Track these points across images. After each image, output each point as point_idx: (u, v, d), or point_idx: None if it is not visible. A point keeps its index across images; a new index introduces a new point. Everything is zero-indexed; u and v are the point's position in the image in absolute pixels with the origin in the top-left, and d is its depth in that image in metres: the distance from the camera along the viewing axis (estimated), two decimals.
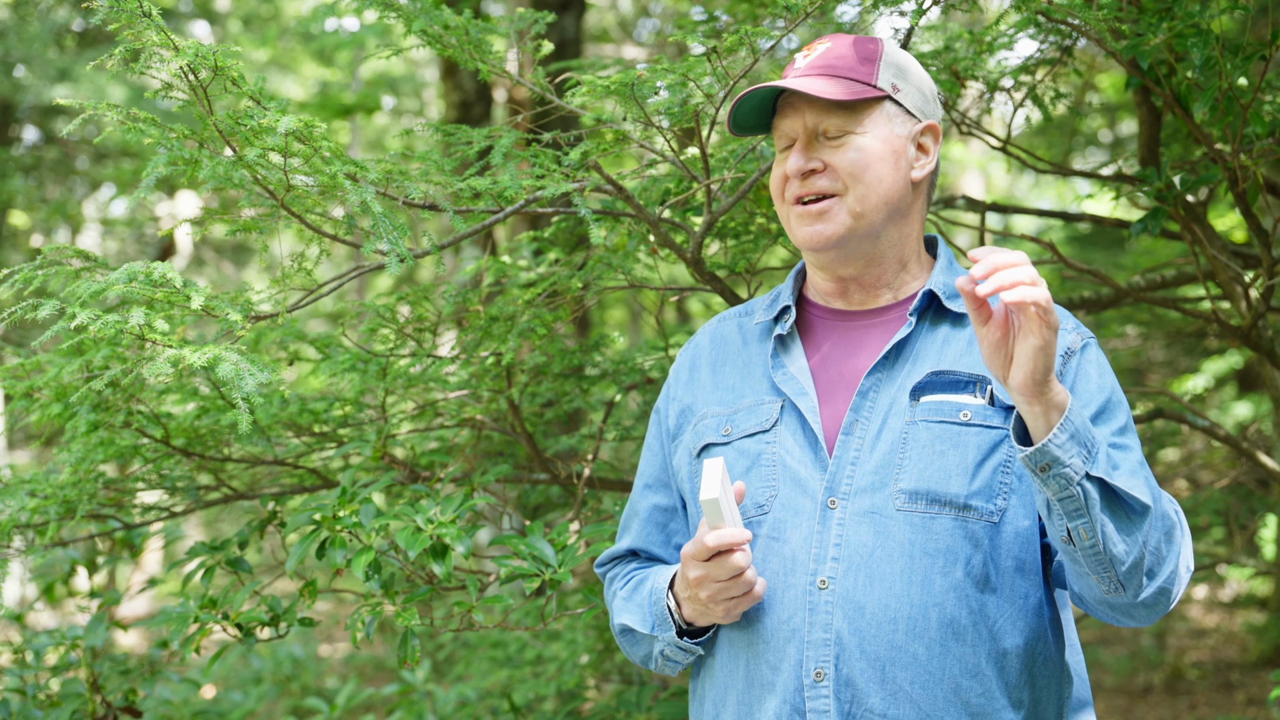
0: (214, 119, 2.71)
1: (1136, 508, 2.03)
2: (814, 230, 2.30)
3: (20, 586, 10.73)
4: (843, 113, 2.28)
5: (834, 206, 2.29)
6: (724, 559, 2.16)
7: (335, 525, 3.06)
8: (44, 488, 3.38)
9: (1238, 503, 6.49)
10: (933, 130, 2.35)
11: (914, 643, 2.15)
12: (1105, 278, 3.78)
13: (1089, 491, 2.00)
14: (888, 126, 2.30)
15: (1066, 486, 2.00)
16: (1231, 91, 3.17)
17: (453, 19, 3.12)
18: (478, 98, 8.51)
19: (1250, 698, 7.77)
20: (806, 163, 2.30)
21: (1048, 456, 1.98)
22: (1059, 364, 2.22)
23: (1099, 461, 2.01)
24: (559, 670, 5.05)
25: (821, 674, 2.16)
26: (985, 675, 2.16)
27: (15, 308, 2.68)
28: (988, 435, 2.19)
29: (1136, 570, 2.06)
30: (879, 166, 2.28)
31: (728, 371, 2.44)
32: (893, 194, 2.30)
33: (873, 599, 2.16)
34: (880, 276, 2.36)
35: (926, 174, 2.34)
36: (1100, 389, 2.23)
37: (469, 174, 3.08)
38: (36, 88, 13.47)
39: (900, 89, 2.32)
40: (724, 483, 2.16)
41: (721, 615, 2.24)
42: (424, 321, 3.69)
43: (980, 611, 2.16)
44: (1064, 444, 1.98)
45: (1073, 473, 1.99)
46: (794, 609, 2.20)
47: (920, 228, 2.39)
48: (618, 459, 4.98)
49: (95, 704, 3.88)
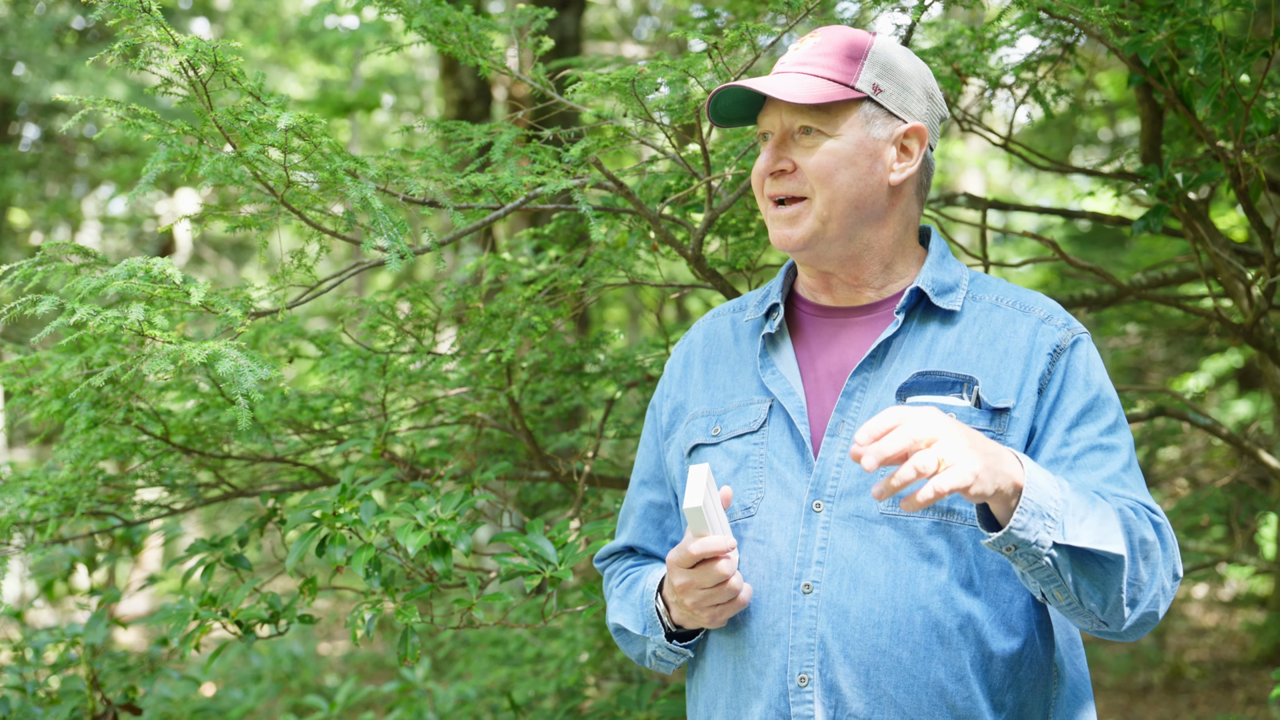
0: (214, 115, 2.70)
1: (1111, 559, 2.02)
2: (783, 233, 2.29)
3: (20, 584, 10.73)
4: (816, 114, 2.25)
5: (802, 211, 2.27)
6: (708, 567, 2.15)
7: (335, 522, 3.06)
8: (44, 485, 3.38)
9: (1238, 501, 6.49)
10: (917, 132, 2.30)
11: (898, 647, 2.14)
12: (1107, 275, 3.78)
13: (1059, 560, 2.01)
14: (863, 129, 2.26)
15: (1036, 560, 2.00)
16: (1234, 88, 3.17)
17: (453, 15, 3.11)
18: (477, 95, 8.51)
19: (1250, 696, 7.77)
20: (775, 163, 2.28)
21: (1012, 540, 1.98)
22: (1046, 363, 2.21)
23: (1066, 526, 2.00)
24: (559, 668, 5.05)
25: (806, 679, 2.16)
26: (969, 679, 2.15)
27: (14, 304, 2.68)
28: None
29: (1118, 608, 2.07)
30: (847, 171, 2.25)
31: (719, 370, 2.43)
32: (863, 198, 2.26)
33: (856, 603, 2.15)
34: (859, 275, 2.33)
35: (908, 176, 2.30)
36: (1087, 386, 2.22)
37: (469, 170, 3.08)
38: (36, 85, 13.47)
39: (883, 89, 2.27)
40: (709, 489, 2.15)
41: (707, 621, 2.24)
42: (424, 318, 3.69)
43: (964, 615, 2.15)
44: (1026, 525, 1.97)
45: (1040, 547, 1.99)
46: (779, 613, 2.20)
47: (904, 229, 2.34)
48: (618, 456, 4.97)
49: (95, 701, 3.88)
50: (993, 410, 2.19)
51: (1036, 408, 2.21)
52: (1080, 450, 2.18)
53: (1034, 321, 2.26)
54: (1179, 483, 8.29)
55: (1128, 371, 8.38)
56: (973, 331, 2.26)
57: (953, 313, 2.29)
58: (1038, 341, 2.23)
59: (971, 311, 2.29)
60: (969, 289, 2.33)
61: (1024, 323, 2.26)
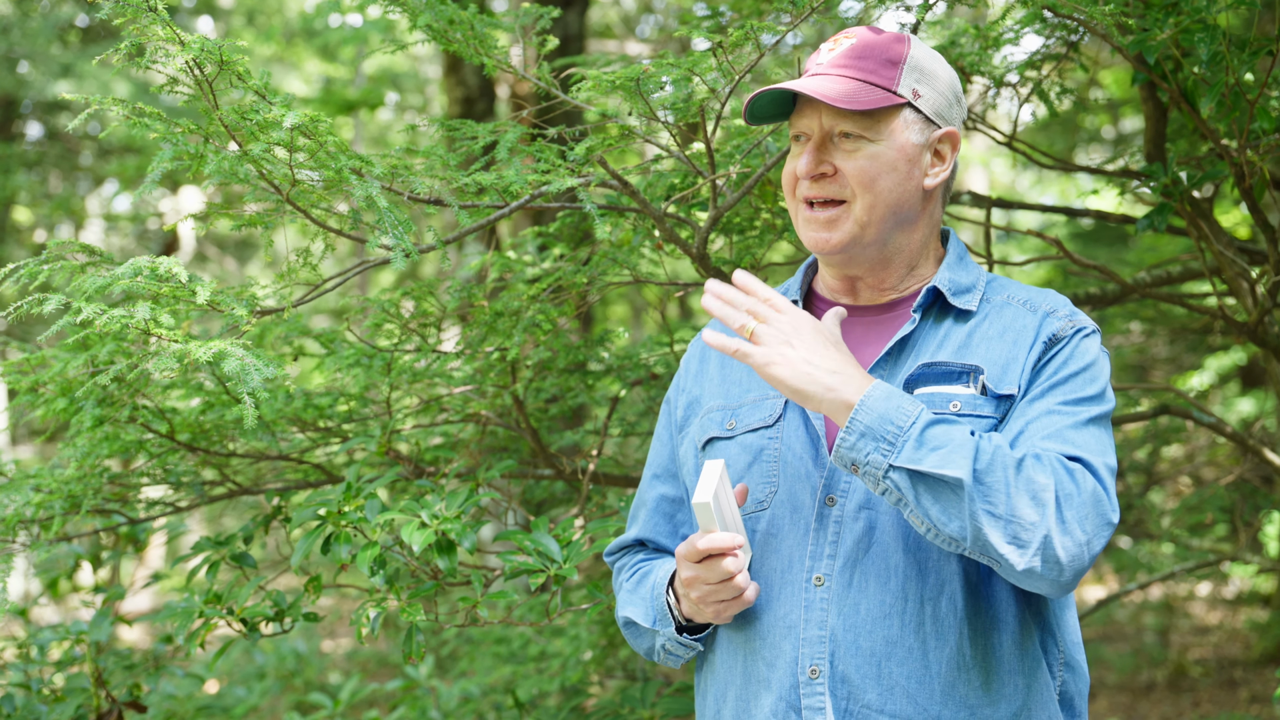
0: (220, 113, 2.70)
1: (950, 483, 2.00)
2: (820, 236, 2.29)
3: (24, 581, 10.75)
4: (860, 118, 2.25)
5: (841, 215, 2.27)
6: (714, 563, 2.16)
7: (340, 520, 3.07)
8: (49, 482, 3.38)
9: (1242, 499, 6.49)
10: (951, 137, 2.32)
11: (908, 636, 2.15)
12: (1111, 273, 3.78)
13: (898, 482, 2.04)
14: (904, 134, 2.26)
15: (878, 483, 2.05)
16: (1238, 87, 3.17)
17: (458, 14, 3.11)
18: (481, 93, 8.50)
19: (1253, 695, 7.76)
20: (817, 166, 2.27)
21: (844, 460, 2.06)
22: (1042, 350, 2.21)
23: (903, 450, 2.03)
24: (563, 666, 5.05)
25: (816, 671, 2.17)
26: (980, 667, 2.16)
27: (20, 302, 2.68)
28: (977, 425, 2.17)
29: (991, 544, 2.00)
30: (889, 176, 2.25)
31: (735, 365, 2.43)
32: (902, 203, 2.27)
33: (867, 595, 2.17)
34: (885, 280, 2.35)
35: (940, 181, 2.31)
36: (1064, 366, 2.20)
37: (474, 169, 3.08)
38: (40, 83, 13.49)
39: (921, 95, 2.28)
40: (721, 485, 2.16)
41: (712, 616, 2.25)
42: (428, 317, 3.69)
43: (973, 604, 2.17)
44: (855, 444, 2.04)
45: (874, 468, 2.04)
46: (790, 606, 2.21)
47: (931, 232, 2.37)
48: (622, 454, 4.98)
49: (100, 699, 3.89)
50: (998, 397, 2.19)
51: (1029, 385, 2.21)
52: (1038, 414, 2.16)
53: (1040, 315, 2.27)
54: (1182, 481, 8.28)
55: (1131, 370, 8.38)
56: (983, 328, 2.27)
57: (966, 312, 2.30)
58: (1041, 331, 2.24)
59: (985, 310, 2.31)
60: (985, 290, 2.34)
61: (1031, 318, 2.27)
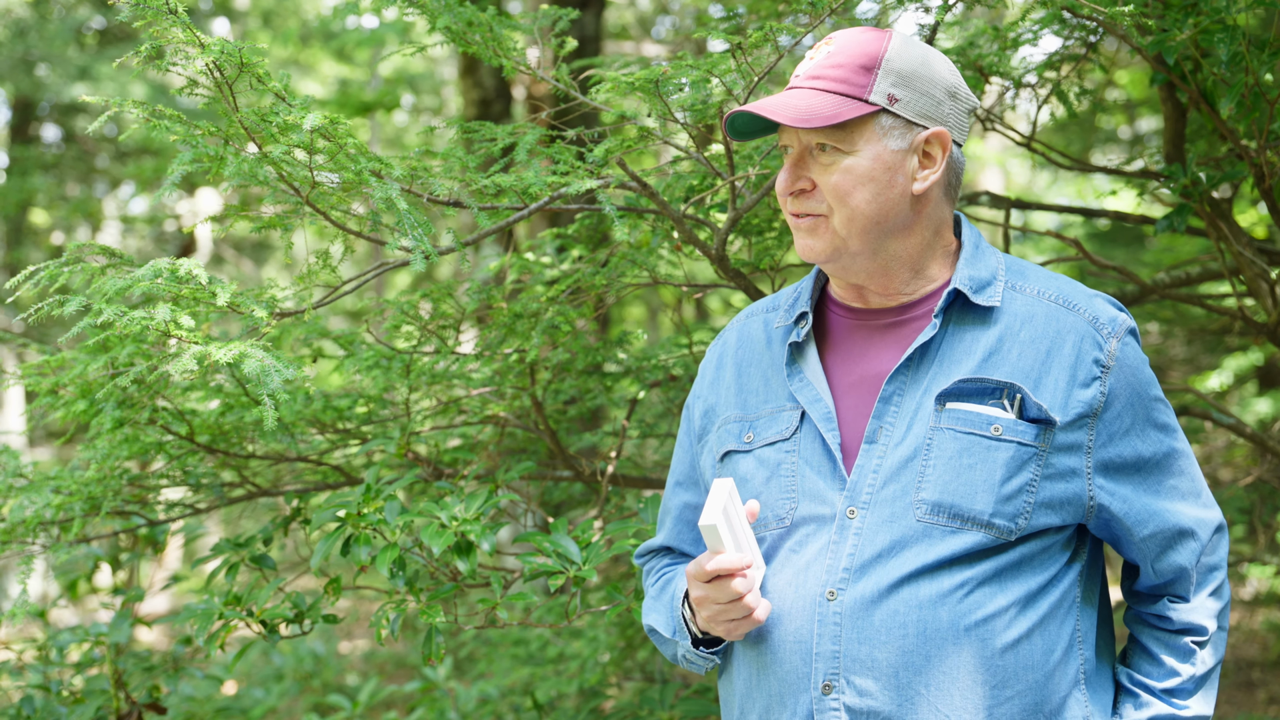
0: (239, 116, 2.71)
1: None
2: (805, 244, 2.26)
3: (43, 583, 10.78)
4: (830, 131, 2.19)
5: (820, 225, 2.23)
6: (723, 583, 2.15)
7: (360, 522, 3.07)
8: (69, 484, 3.39)
9: (1260, 501, 6.45)
10: (939, 137, 2.23)
11: (925, 645, 2.12)
12: (1130, 274, 3.77)
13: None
14: (880, 143, 2.20)
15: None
16: (1258, 87, 3.16)
17: (476, 16, 3.12)
18: (497, 95, 8.51)
19: (1271, 696, 7.73)
20: (795, 183, 2.24)
21: None
22: (1096, 388, 2.19)
23: None
24: (581, 668, 5.05)
25: (830, 686, 2.15)
26: (996, 672, 2.14)
27: (40, 305, 2.69)
28: (1018, 452, 2.14)
29: None
30: (866, 188, 2.19)
31: (752, 374, 2.40)
32: (885, 214, 2.21)
33: (882, 607, 2.14)
34: (890, 285, 2.29)
35: (932, 183, 2.24)
36: (1135, 400, 2.23)
37: (493, 171, 3.08)
38: (57, 86, 13.54)
39: (899, 99, 2.20)
40: (730, 504, 2.15)
41: (723, 634, 2.24)
42: (446, 318, 3.69)
43: (990, 610, 2.14)
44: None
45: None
46: (804, 621, 2.18)
47: (932, 233, 2.29)
48: (641, 456, 4.98)
49: (119, 700, 3.90)
50: (1035, 421, 2.15)
51: (1090, 436, 2.19)
52: (1140, 490, 2.25)
53: (1080, 325, 2.21)
54: None
55: None
56: (1014, 329, 2.21)
57: (990, 310, 2.23)
58: (1083, 351, 2.19)
59: (1012, 305, 2.23)
60: (1006, 278, 2.27)
61: (1068, 323, 2.21)
